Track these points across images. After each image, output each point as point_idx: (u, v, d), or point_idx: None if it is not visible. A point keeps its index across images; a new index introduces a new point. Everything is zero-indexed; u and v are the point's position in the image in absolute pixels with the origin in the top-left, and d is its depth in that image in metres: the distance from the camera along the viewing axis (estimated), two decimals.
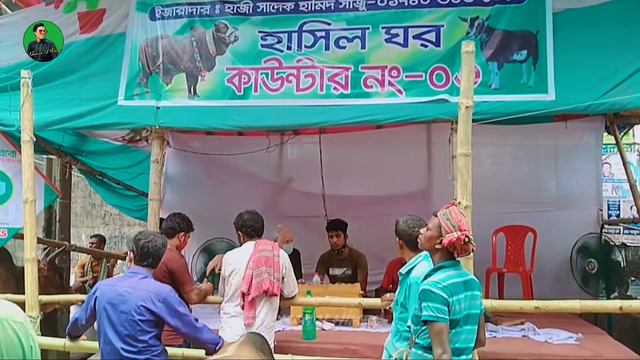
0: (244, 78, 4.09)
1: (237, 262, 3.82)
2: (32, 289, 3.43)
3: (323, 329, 4.58)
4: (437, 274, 2.62)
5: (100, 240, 7.16)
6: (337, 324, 4.74)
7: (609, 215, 6.83)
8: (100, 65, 4.34)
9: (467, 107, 3.20)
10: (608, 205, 7.06)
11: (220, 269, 4.03)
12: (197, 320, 3.05)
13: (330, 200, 6.55)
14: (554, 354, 3.86)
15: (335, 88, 3.97)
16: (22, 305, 4.24)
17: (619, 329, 5.53)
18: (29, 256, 3.43)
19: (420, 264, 3.25)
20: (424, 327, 2.59)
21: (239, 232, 4.00)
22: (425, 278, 2.69)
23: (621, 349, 4.15)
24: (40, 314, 3.68)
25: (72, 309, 5.95)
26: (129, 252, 3.13)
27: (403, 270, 3.36)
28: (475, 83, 3.48)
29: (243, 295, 3.71)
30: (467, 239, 2.58)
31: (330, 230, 5.43)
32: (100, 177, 6.21)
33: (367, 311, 4.94)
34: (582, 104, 3.63)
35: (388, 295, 3.94)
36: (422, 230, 2.81)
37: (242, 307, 3.72)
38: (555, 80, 3.73)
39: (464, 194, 3.18)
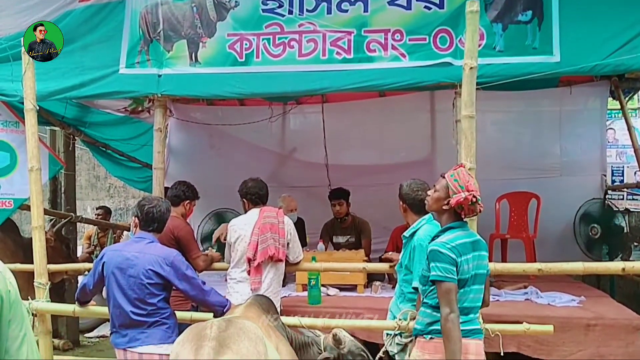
0: (246, 44, 4.04)
1: (242, 228, 3.85)
2: (40, 256, 3.47)
3: (328, 295, 4.65)
4: (446, 234, 2.63)
5: (106, 212, 7.21)
6: (341, 289, 4.81)
7: (613, 181, 6.80)
8: (101, 33, 4.29)
9: (471, 68, 3.17)
10: (612, 171, 7.03)
11: (225, 238, 4.06)
12: (204, 283, 3.09)
13: (334, 169, 6.56)
14: (557, 316, 3.90)
15: (337, 53, 3.93)
16: (30, 274, 4.31)
17: (622, 294, 5.58)
18: (36, 224, 3.46)
19: (424, 226, 3.27)
20: (432, 287, 2.62)
21: (244, 200, 4.02)
22: (433, 239, 2.71)
23: (624, 311, 4.20)
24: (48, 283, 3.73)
25: (80, 279, 6.02)
26: (133, 218, 3.15)
27: (407, 233, 3.39)
28: (479, 45, 3.44)
29: (249, 261, 3.75)
30: (474, 199, 2.58)
31: (333, 198, 5.45)
32: (104, 149, 6.21)
33: (371, 277, 5.01)
34: (587, 65, 3.59)
35: (390, 253, 3.99)
36: (429, 192, 2.81)
37: (248, 273, 3.76)
38: (560, 42, 3.68)
39: (468, 156, 3.18)
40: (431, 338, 2.58)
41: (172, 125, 6.37)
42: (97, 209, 7.44)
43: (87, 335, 6.61)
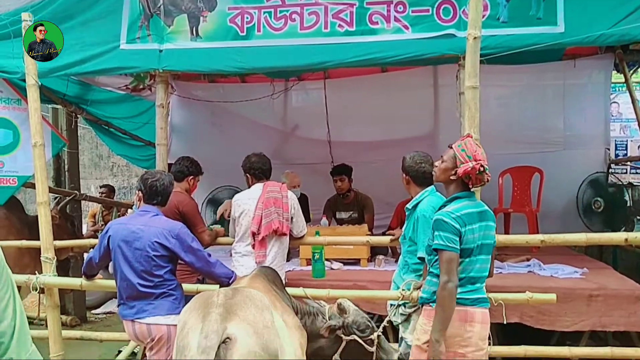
0: (247, 17, 4.01)
1: (246, 203, 3.86)
2: (46, 231, 3.49)
3: (332, 269, 4.69)
4: (452, 204, 2.63)
5: (110, 190, 7.23)
6: (345, 264, 4.84)
7: (616, 155, 6.80)
8: (101, 8, 4.25)
9: (475, 38, 3.14)
10: (615, 144, 7.02)
11: (229, 214, 4.08)
12: (209, 255, 3.11)
13: (337, 146, 6.56)
14: (559, 287, 3.92)
15: (340, 25, 3.89)
16: (36, 250, 4.35)
17: (624, 266, 5.60)
18: (41, 199, 3.48)
19: (427, 198, 3.28)
20: (437, 257, 2.64)
21: (247, 175, 4.03)
22: (440, 209, 2.72)
23: (626, 282, 4.22)
24: None
25: (86, 257, 6.09)
26: (137, 192, 3.17)
27: (409, 205, 3.40)
28: (483, 17, 3.40)
29: (253, 234, 3.77)
30: (482, 169, 2.58)
31: (335, 175, 5.46)
32: (106, 127, 6.21)
33: (374, 252, 5.04)
34: (592, 35, 3.56)
35: (394, 231, 4.01)
36: (436, 163, 2.80)
37: (253, 247, 3.79)
38: (564, 12, 3.64)
39: (472, 127, 3.17)
40: None
41: (174, 103, 6.35)
42: (100, 187, 7.45)
43: (94, 311, 6.70)
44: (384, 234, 5.35)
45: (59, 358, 3.48)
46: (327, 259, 4.56)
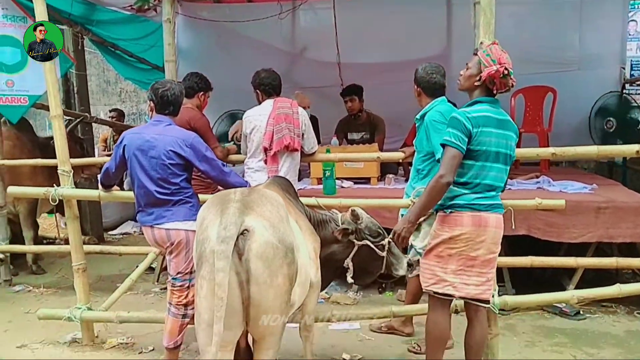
0: None
1: (257, 119, 3.86)
2: (61, 145, 3.51)
3: (342, 187, 4.75)
4: (472, 106, 2.61)
5: (120, 114, 7.24)
6: (355, 183, 4.90)
7: (632, 75, 6.63)
8: None
9: None
10: (631, 64, 6.83)
11: (241, 136, 4.08)
12: (224, 165, 3.15)
13: (346, 68, 6.45)
14: (568, 200, 3.95)
15: None
16: (50, 170, 4.42)
17: (633, 185, 5.62)
18: (54, 113, 3.47)
19: (435, 106, 3.28)
20: None
21: (257, 91, 4.00)
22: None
23: (634, 195, 4.27)
24: None
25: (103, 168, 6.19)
26: (149, 102, 3.16)
27: (418, 115, 3.39)
28: None
29: (265, 150, 3.80)
30: (506, 72, 2.54)
31: (345, 95, 5.40)
32: (113, 49, 6.12)
33: (384, 171, 5.08)
34: None
35: (406, 148, 4.02)
36: (461, 72, 2.74)
37: (265, 162, 3.82)
38: None
39: (487, 33, 3.09)
40: (451, 212, 2.61)
41: (179, 25, 6.20)
42: (110, 111, 7.45)
43: (110, 232, 6.90)
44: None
45: (81, 267, 3.61)
46: (337, 178, 4.61)
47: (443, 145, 2.54)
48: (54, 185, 3.55)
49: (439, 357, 2.72)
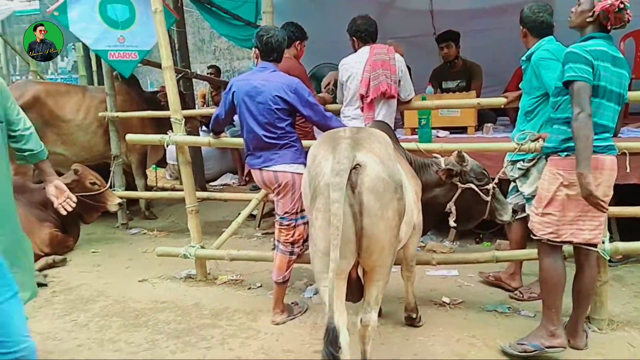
0: None
1: (353, 66, 3.85)
2: (173, 95, 3.72)
3: (438, 137, 4.67)
4: (586, 42, 2.49)
5: (217, 70, 7.53)
6: (451, 132, 4.81)
7: None
8: None
9: None
10: None
11: (334, 85, 4.10)
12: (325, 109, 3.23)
13: (439, 16, 6.24)
14: None
15: None
16: (158, 123, 4.72)
17: None
18: (166, 64, 3.67)
19: (542, 45, 3.13)
20: (564, 98, 2.54)
21: (353, 38, 3.97)
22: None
23: None
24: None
25: (201, 134, 6.52)
26: (254, 50, 3.27)
27: (524, 57, 3.26)
28: None
29: (362, 97, 3.79)
30: (622, 5, 2.39)
31: (441, 41, 5.26)
32: (209, 6, 6.31)
33: (482, 120, 4.93)
34: None
35: (509, 93, 3.87)
36: (572, 9, 2.62)
37: (362, 110, 3.83)
38: None
39: None
40: (567, 155, 2.53)
41: None
42: (208, 67, 7.75)
43: (211, 183, 7.30)
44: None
45: (194, 208, 3.88)
46: (432, 128, 4.54)
47: (568, 83, 2.43)
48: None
49: (559, 304, 2.68)
